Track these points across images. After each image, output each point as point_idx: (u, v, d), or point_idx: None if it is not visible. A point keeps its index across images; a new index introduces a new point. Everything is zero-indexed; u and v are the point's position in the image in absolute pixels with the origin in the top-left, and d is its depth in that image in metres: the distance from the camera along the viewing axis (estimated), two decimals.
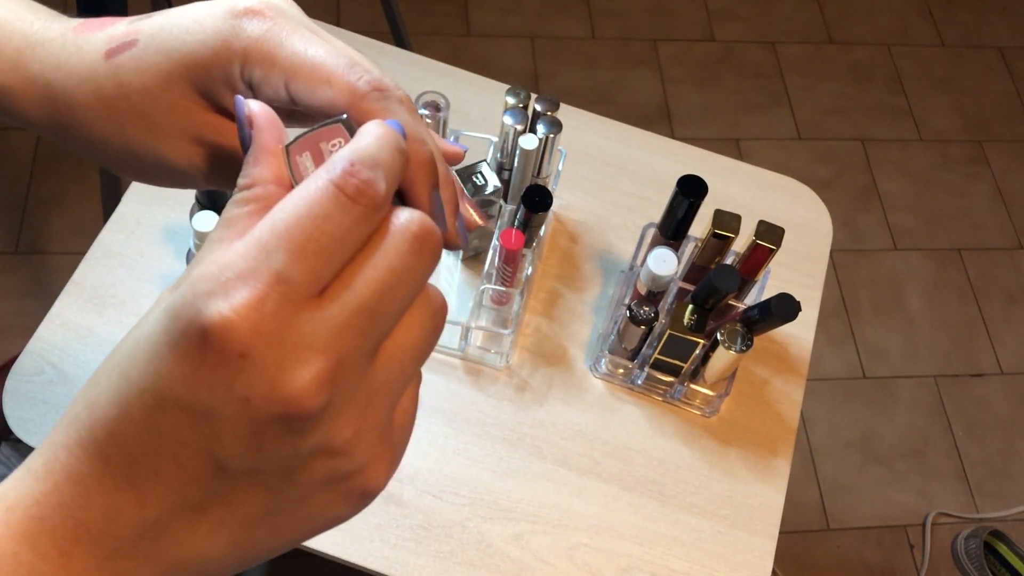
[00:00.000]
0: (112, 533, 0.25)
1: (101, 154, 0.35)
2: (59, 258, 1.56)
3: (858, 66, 2.06)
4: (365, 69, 0.31)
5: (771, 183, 0.96)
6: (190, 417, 0.24)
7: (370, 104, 0.30)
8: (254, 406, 0.23)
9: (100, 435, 0.25)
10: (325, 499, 0.27)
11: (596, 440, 0.79)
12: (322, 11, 1.90)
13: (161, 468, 0.25)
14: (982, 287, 1.80)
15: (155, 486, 0.25)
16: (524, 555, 0.73)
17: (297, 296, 0.24)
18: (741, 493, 0.78)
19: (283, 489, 0.26)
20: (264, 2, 0.32)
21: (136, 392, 0.24)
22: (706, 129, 1.91)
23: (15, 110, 0.36)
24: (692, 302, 0.74)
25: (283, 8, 0.32)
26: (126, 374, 0.25)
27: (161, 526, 0.25)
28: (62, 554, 0.25)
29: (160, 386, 0.24)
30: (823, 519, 1.53)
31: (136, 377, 0.25)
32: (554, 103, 0.79)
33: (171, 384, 0.24)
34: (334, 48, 0.31)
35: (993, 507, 1.58)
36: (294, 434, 0.24)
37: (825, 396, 1.64)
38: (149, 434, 0.24)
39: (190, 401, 0.24)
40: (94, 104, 0.34)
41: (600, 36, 1.99)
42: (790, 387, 0.84)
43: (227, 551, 0.26)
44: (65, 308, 0.79)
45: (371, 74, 0.30)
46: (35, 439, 0.73)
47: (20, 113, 0.36)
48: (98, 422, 0.25)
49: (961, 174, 1.94)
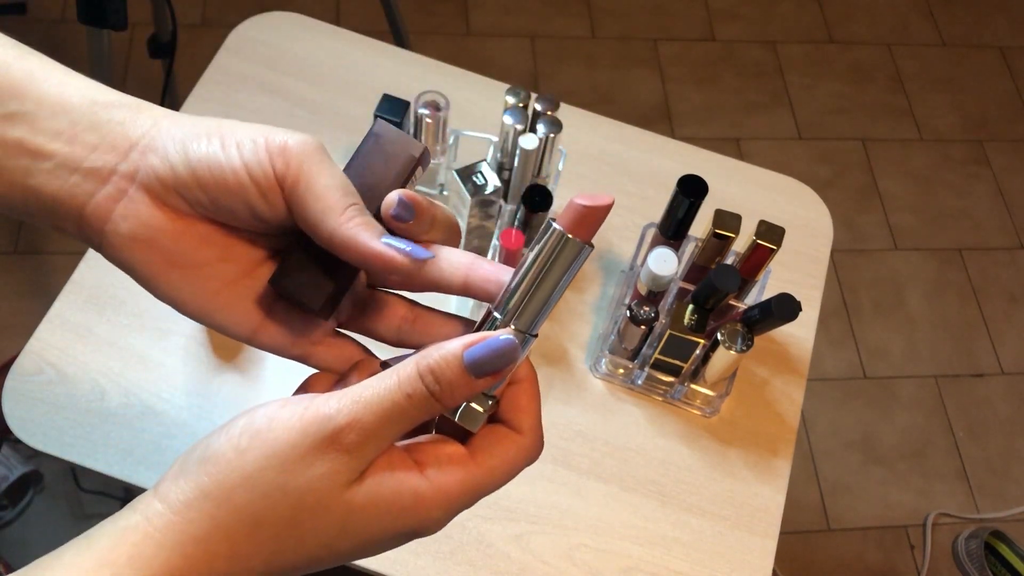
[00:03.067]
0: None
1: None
2: (58, 258, 1.56)
3: (859, 66, 2.05)
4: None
5: (771, 183, 0.96)
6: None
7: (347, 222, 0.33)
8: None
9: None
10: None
11: (596, 440, 0.79)
12: (322, 11, 1.90)
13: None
14: (983, 287, 1.80)
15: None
16: (524, 555, 0.73)
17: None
18: (741, 493, 0.78)
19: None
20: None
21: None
22: (706, 129, 1.90)
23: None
24: (692, 302, 0.73)
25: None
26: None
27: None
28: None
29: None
30: (823, 519, 1.53)
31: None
32: (554, 103, 0.79)
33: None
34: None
35: (994, 507, 1.58)
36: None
37: (825, 396, 1.64)
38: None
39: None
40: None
41: (600, 36, 1.99)
42: (790, 387, 0.84)
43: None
44: (64, 308, 0.79)
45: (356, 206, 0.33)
46: (35, 439, 0.73)
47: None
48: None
49: (962, 174, 1.94)
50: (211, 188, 0.32)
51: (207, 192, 0.32)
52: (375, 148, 0.35)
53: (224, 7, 1.89)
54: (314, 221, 0.32)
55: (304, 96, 0.93)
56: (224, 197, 0.32)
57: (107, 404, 0.75)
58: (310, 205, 0.32)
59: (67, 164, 0.33)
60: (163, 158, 0.32)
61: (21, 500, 1.34)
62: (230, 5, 1.89)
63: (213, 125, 0.33)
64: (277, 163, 0.32)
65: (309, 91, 0.94)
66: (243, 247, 0.35)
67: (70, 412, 0.74)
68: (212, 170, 0.32)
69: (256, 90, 0.92)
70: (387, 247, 0.32)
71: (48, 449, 0.72)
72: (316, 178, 0.32)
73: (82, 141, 0.33)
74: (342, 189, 0.32)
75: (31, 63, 0.33)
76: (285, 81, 0.94)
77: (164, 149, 0.32)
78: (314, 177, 0.32)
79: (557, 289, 0.33)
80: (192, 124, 0.33)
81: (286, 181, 0.32)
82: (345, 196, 0.32)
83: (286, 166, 0.32)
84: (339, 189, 0.32)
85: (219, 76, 0.93)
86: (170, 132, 0.33)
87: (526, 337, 0.33)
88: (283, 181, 0.32)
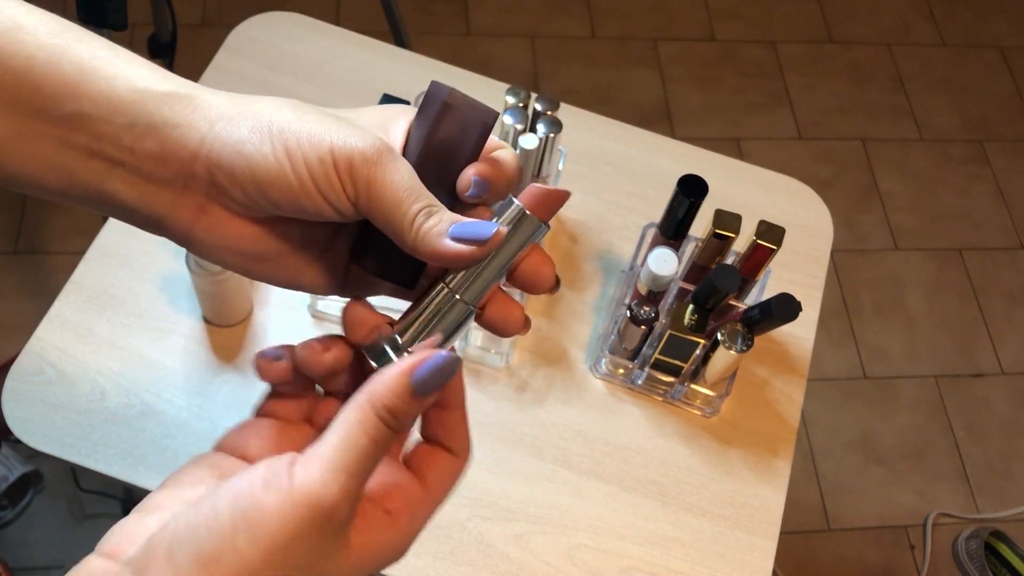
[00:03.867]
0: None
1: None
2: (58, 258, 1.56)
3: (859, 65, 2.05)
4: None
5: (772, 183, 0.96)
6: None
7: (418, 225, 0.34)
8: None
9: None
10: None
11: (596, 440, 0.79)
12: (322, 10, 1.90)
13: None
14: (983, 287, 1.80)
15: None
16: (524, 555, 0.73)
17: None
18: (741, 493, 0.78)
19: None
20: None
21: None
22: (706, 129, 1.90)
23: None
24: (692, 302, 0.73)
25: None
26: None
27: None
28: None
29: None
30: (823, 519, 1.53)
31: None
32: (554, 103, 0.79)
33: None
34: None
35: (994, 507, 1.58)
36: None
37: (826, 396, 1.64)
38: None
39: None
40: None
41: (600, 35, 1.99)
42: (791, 387, 0.84)
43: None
44: (64, 308, 0.78)
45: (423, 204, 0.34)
46: (35, 439, 0.73)
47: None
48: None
49: (962, 174, 1.94)
50: (286, 208, 0.33)
51: (282, 209, 0.33)
52: (447, 119, 0.35)
53: (224, 7, 1.89)
54: (389, 231, 0.34)
55: (304, 96, 0.93)
56: (299, 213, 0.34)
57: (107, 404, 0.75)
58: (381, 215, 0.33)
59: (137, 173, 0.33)
60: (230, 178, 0.33)
61: (21, 500, 1.34)
62: (230, 5, 1.89)
63: (275, 129, 0.33)
64: (347, 185, 0.33)
65: (309, 91, 0.93)
66: (319, 230, 0.37)
67: (70, 412, 0.74)
68: (284, 194, 0.33)
69: (256, 90, 0.92)
70: (455, 247, 0.33)
71: (48, 449, 0.72)
72: (383, 190, 0.33)
73: (144, 150, 0.33)
74: (408, 194, 0.33)
75: (80, 52, 0.33)
76: (285, 81, 0.94)
77: (230, 168, 0.33)
78: (381, 188, 0.33)
79: (506, 265, 0.34)
80: (248, 126, 0.33)
81: (358, 200, 0.33)
82: (413, 202, 0.33)
83: (354, 185, 0.33)
84: (406, 195, 0.33)
85: (219, 76, 0.93)
86: (229, 139, 0.33)
87: (470, 311, 0.35)
88: (353, 199, 0.33)
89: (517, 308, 0.36)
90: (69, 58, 0.32)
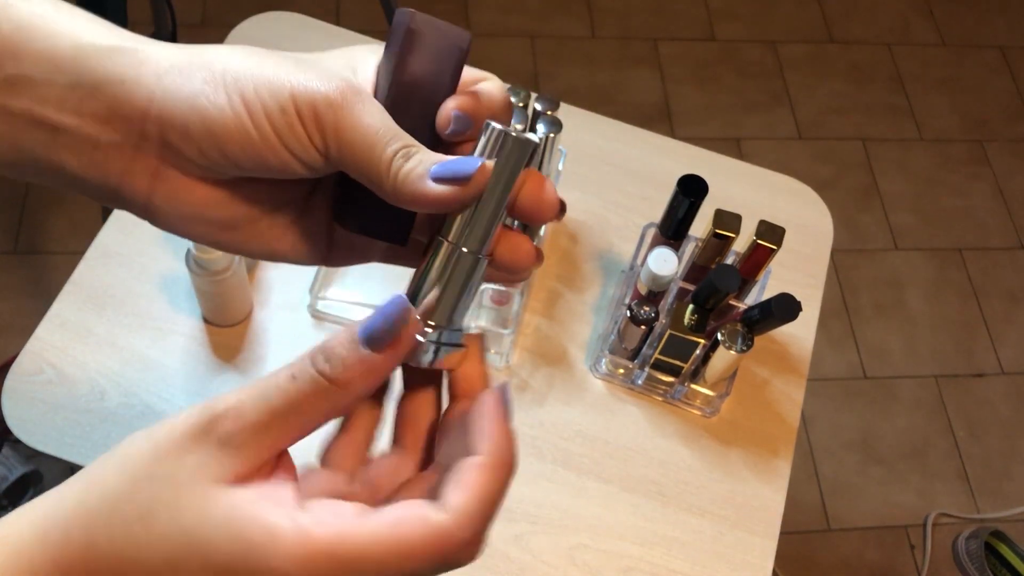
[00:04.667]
0: None
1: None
2: (58, 258, 1.56)
3: (859, 65, 2.05)
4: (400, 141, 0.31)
5: (772, 183, 0.96)
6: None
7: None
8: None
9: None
10: None
11: (596, 440, 0.79)
12: (322, 10, 1.90)
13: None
14: (983, 287, 1.80)
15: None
16: (524, 555, 0.73)
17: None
18: (741, 493, 0.78)
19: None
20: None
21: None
22: (706, 129, 1.90)
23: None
24: (692, 302, 0.73)
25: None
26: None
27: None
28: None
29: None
30: (824, 519, 1.53)
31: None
32: (554, 102, 0.79)
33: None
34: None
35: (994, 507, 1.58)
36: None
37: (826, 396, 1.64)
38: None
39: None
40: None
41: (600, 35, 1.99)
42: (790, 387, 0.84)
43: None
44: (64, 308, 0.78)
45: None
46: (34, 439, 0.73)
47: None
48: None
49: (962, 174, 1.94)
50: (248, 165, 0.30)
51: (244, 168, 0.30)
52: (416, 48, 0.31)
53: (224, 7, 1.89)
54: (365, 179, 0.30)
55: None
56: (264, 171, 0.30)
57: (107, 404, 0.75)
58: (354, 163, 0.30)
59: (85, 139, 0.30)
60: (184, 135, 0.30)
61: (21, 500, 1.34)
62: (230, 5, 1.89)
63: (229, 78, 0.30)
64: (313, 134, 0.30)
65: None
66: (292, 189, 0.34)
67: (70, 412, 0.74)
68: (245, 149, 0.30)
69: None
70: (438, 189, 0.29)
71: (48, 449, 0.72)
72: (353, 135, 0.29)
73: (90, 111, 0.30)
74: (381, 136, 0.30)
75: (20, 9, 0.30)
76: None
77: (184, 124, 0.29)
78: (351, 133, 0.30)
79: (504, 198, 0.30)
80: (201, 77, 0.30)
81: (328, 150, 0.30)
82: (387, 145, 0.30)
83: (321, 133, 0.30)
84: (379, 138, 0.30)
85: None
86: (181, 93, 0.30)
87: (478, 259, 0.31)
88: (322, 149, 0.30)
89: (524, 240, 0.32)
90: (8, 15, 0.30)
